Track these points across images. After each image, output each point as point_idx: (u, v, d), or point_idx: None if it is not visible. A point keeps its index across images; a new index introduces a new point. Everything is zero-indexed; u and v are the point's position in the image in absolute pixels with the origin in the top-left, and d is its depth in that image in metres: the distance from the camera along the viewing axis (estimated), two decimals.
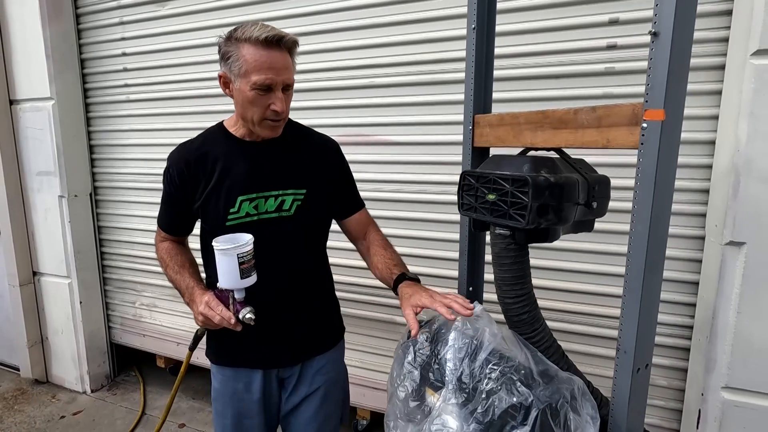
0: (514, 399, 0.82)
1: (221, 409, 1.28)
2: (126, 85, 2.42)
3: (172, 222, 1.25)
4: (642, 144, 0.79)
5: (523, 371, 0.87)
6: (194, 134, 1.22)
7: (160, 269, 2.57)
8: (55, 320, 2.67)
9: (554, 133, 0.97)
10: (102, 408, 2.54)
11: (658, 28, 0.75)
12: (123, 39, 2.37)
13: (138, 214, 2.54)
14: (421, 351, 1.04)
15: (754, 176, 1.29)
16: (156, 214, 2.40)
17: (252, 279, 1.07)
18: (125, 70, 2.40)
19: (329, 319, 1.34)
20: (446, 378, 0.94)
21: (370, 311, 2.05)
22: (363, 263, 1.30)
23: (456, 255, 1.26)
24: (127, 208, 2.57)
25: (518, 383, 0.84)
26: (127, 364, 2.91)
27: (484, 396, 0.85)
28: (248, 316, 1.05)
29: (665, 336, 1.59)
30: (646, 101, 0.78)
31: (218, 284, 1.07)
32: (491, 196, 0.95)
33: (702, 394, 1.45)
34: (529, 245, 0.99)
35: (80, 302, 2.58)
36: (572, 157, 1.04)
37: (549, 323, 1.05)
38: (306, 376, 1.27)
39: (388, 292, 1.97)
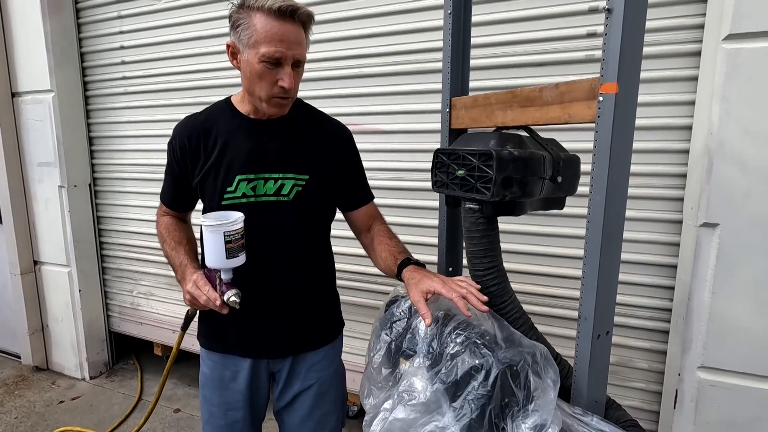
0: (476, 361, 0.86)
1: (209, 395, 1.25)
2: (124, 78, 2.48)
3: (174, 196, 1.23)
4: (599, 117, 0.83)
5: (487, 337, 0.91)
6: None
7: (157, 258, 2.64)
8: (55, 308, 2.73)
9: (522, 111, 1.01)
10: (100, 394, 2.59)
11: (611, 5, 0.79)
12: (121, 32, 2.43)
13: (136, 204, 2.59)
14: (397, 323, 1.08)
15: (727, 159, 1.32)
16: (154, 204, 2.45)
17: (239, 260, 1.02)
18: (123, 63, 2.46)
19: (325, 313, 1.27)
20: (417, 346, 0.98)
21: (366, 299, 2.09)
22: (361, 251, 1.27)
23: (436, 240, 1.30)
24: (125, 198, 2.63)
25: (482, 347, 0.88)
26: (125, 352, 2.97)
27: (448, 359, 0.89)
28: (232, 299, 1.00)
29: (645, 319, 1.62)
30: (602, 75, 0.81)
31: (205, 263, 1.03)
32: (461, 172, 0.99)
33: (679, 375, 1.47)
34: (501, 229, 1.04)
35: (79, 290, 2.64)
36: (544, 136, 1.08)
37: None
38: (299, 372, 1.23)
39: (385, 280, 2.03)
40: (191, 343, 2.45)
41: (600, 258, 0.85)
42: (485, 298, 0.91)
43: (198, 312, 1.23)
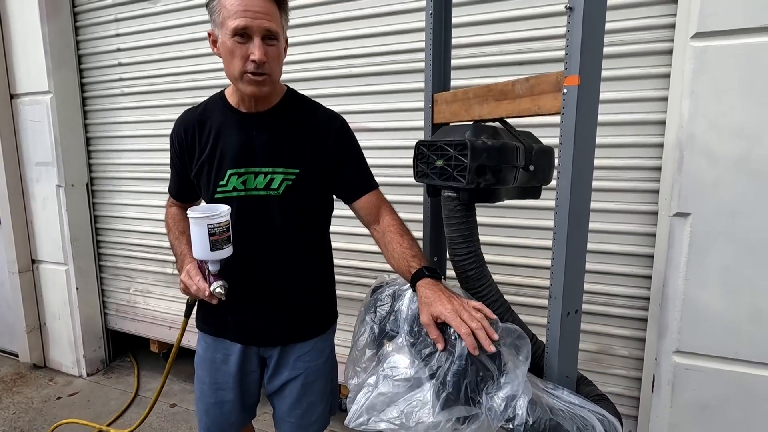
0: (452, 337, 0.91)
1: (201, 374, 1.30)
2: (121, 79, 2.53)
3: (178, 188, 1.28)
4: (563, 107, 0.89)
5: None
6: None
7: (154, 256, 2.68)
8: (53, 306, 2.77)
9: (497, 105, 1.07)
10: (97, 390, 2.63)
11: (572, 4, 0.85)
12: (117, 35, 2.48)
13: (132, 203, 2.64)
14: (381, 308, 1.14)
15: (697, 151, 1.38)
16: (150, 203, 2.50)
17: (224, 252, 1.04)
18: (120, 64, 2.51)
19: (315, 307, 1.28)
20: (400, 327, 1.04)
21: (359, 293, 2.14)
22: (354, 245, 1.30)
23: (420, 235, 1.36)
24: (121, 197, 2.68)
25: None
26: (122, 350, 3.01)
27: (428, 337, 0.94)
28: (218, 290, 1.03)
29: (625, 308, 1.68)
30: (566, 69, 0.87)
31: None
32: (439, 162, 1.05)
33: (656, 360, 1.53)
34: (481, 221, 1.09)
35: (77, 288, 2.68)
36: (522, 130, 1.14)
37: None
38: (287, 361, 1.26)
39: (365, 274, 2.08)
40: (186, 339, 2.49)
41: (567, 239, 0.91)
42: (496, 336, 0.87)
43: (194, 301, 1.28)
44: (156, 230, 2.59)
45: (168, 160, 1.27)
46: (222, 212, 1.03)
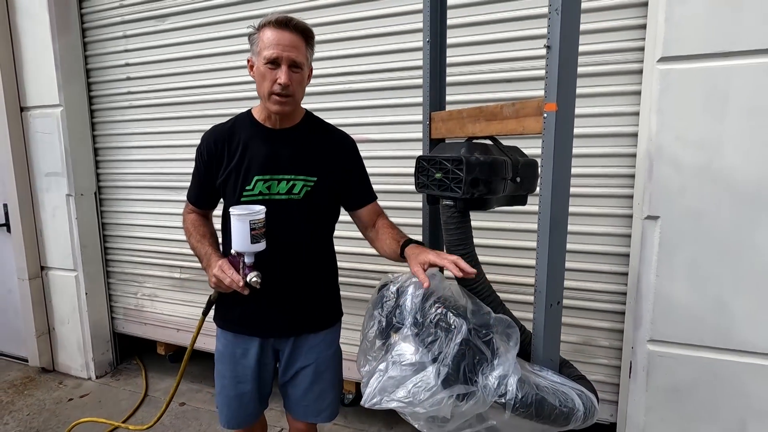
0: (453, 327, 1.06)
1: (222, 369, 1.43)
2: (129, 93, 2.65)
3: (199, 195, 1.41)
4: (544, 129, 1.04)
5: (462, 309, 1.11)
6: (191, 136, 1.36)
7: (161, 261, 2.79)
8: (62, 311, 2.87)
9: (488, 124, 1.22)
10: (107, 391, 2.73)
11: (550, 43, 1.01)
12: (126, 51, 2.60)
13: (139, 210, 2.75)
14: (387, 303, 1.28)
15: (664, 160, 1.56)
16: (157, 210, 2.63)
17: (261, 246, 1.20)
18: (128, 78, 2.63)
19: (326, 301, 1.45)
20: (405, 319, 1.18)
21: (356, 293, 2.28)
22: (357, 249, 1.45)
23: (419, 238, 1.50)
24: (128, 205, 2.79)
25: (457, 316, 1.08)
26: (128, 354, 3.10)
27: (431, 327, 1.09)
28: (254, 279, 1.18)
29: (606, 302, 1.85)
30: (546, 97, 1.03)
31: (232, 248, 1.21)
32: (438, 175, 1.20)
33: (632, 348, 1.70)
34: (475, 226, 1.25)
35: (86, 293, 2.78)
36: (508, 144, 1.30)
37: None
38: (300, 351, 1.40)
39: (377, 275, 2.22)
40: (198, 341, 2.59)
41: (549, 239, 1.06)
42: (474, 270, 1.09)
43: (218, 296, 1.35)
44: (163, 236, 2.70)
45: (178, 170, 1.40)
46: (260, 211, 1.19)
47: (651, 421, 1.69)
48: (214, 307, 1.42)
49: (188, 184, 1.44)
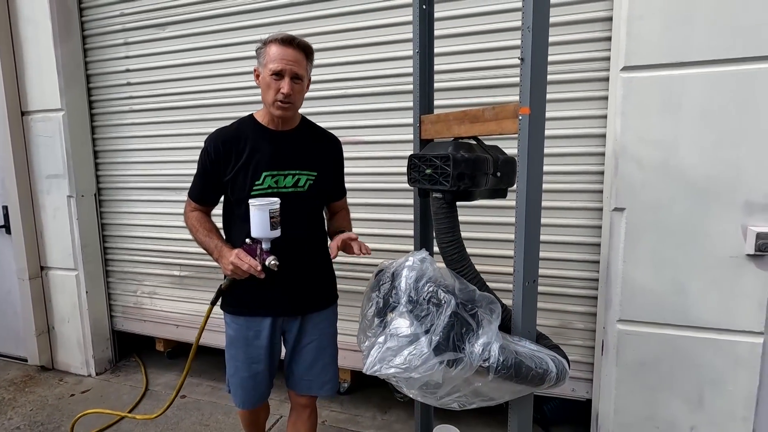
0: (443, 302, 1.21)
1: (234, 353, 1.55)
2: (130, 98, 2.75)
3: (203, 193, 1.52)
4: (519, 129, 1.21)
5: (450, 287, 1.27)
6: (188, 139, 1.46)
7: (161, 259, 2.89)
8: (62, 310, 2.94)
9: (471, 126, 1.39)
10: (108, 387, 2.81)
11: (524, 56, 1.18)
12: (127, 57, 2.71)
13: (138, 210, 2.85)
14: (383, 286, 1.43)
15: (628, 158, 1.74)
16: (156, 210, 2.74)
17: (277, 232, 1.36)
18: (129, 84, 2.74)
19: (327, 282, 1.64)
20: (400, 298, 1.33)
21: (350, 285, 2.42)
22: None
23: (409, 232, 1.66)
24: (128, 206, 2.88)
25: (446, 293, 1.24)
26: (126, 351, 3.18)
27: (423, 303, 1.24)
28: (273, 262, 1.35)
29: (580, 288, 2.03)
30: (520, 102, 1.20)
31: (251, 235, 1.35)
32: (428, 170, 1.36)
33: (604, 328, 1.88)
34: (462, 221, 1.41)
35: (86, 292, 2.85)
36: (490, 144, 1.46)
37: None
38: (305, 328, 1.56)
39: (367, 269, 2.36)
40: (193, 335, 2.70)
41: (525, 224, 1.23)
42: (369, 250, 1.45)
43: (230, 285, 1.42)
44: (162, 235, 2.80)
45: (176, 171, 1.52)
46: (277, 201, 1.37)
47: (621, 393, 1.87)
48: (220, 298, 1.52)
49: (187, 185, 1.57)
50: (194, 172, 1.50)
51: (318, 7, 2.28)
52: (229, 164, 1.46)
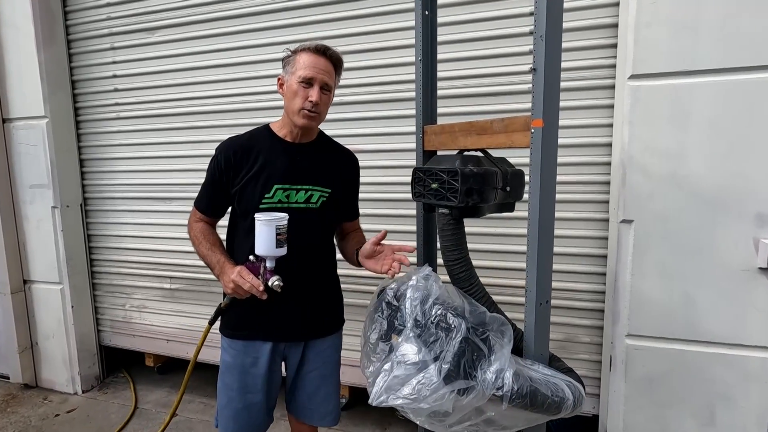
0: (452, 326, 1.14)
1: (229, 381, 1.42)
2: (116, 104, 2.65)
3: (210, 204, 1.43)
4: (531, 143, 1.15)
5: (459, 309, 1.20)
6: (178, 148, 1.37)
7: (150, 272, 2.78)
8: (46, 325, 2.81)
9: (479, 138, 1.32)
10: (95, 405, 2.69)
11: (536, 66, 1.12)
12: (114, 62, 2.61)
13: (127, 221, 2.75)
14: (387, 306, 1.35)
15: (635, 169, 1.70)
16: (145, 221, 2.64)
17: (283, 250, 1.26)
18: (116, 90, 2.63)
19: (334, 307, 1.54)
20: (405, 321, 1.26)
21: (353, 299, 2.33)
22: None
23: (411, 243, 1.58)
24: (116, 216, 2.78)
25: (455, 316, 1.17)
26: (114, 367, 3.06)
27: (431, 327, 1.17)
28: (276, 282, 1.25)
29: (586, 301, 1.97)
30: (532, 114, 1.14)
31: (255, 252, 1.26)
32: (434, 185, 1.29)
33: (611, 343, 1.83)
34: (468, 231, 1.34)
35: (72, 306, 2.74)
36: (496, 156, 1.40)
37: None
38: (308, 356, 1.46)
39: (367, 282, 2.29)
40: (187, 351, 2.61)
41: (538, 243, 1.16)
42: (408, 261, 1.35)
43: (230, 304, 1.35)
44: (152, 247, 2.70)
45: (166, 180, 1.42)
46: (285, 217, 1.27)
47: (629, 409, 1.82)
48: (219, 318, 1.44)
49: (177, 194, 1.49)
50: (185, 180, 1.42)
51: (310, 12, 2.21)
52: (239, 174, 1.37)
